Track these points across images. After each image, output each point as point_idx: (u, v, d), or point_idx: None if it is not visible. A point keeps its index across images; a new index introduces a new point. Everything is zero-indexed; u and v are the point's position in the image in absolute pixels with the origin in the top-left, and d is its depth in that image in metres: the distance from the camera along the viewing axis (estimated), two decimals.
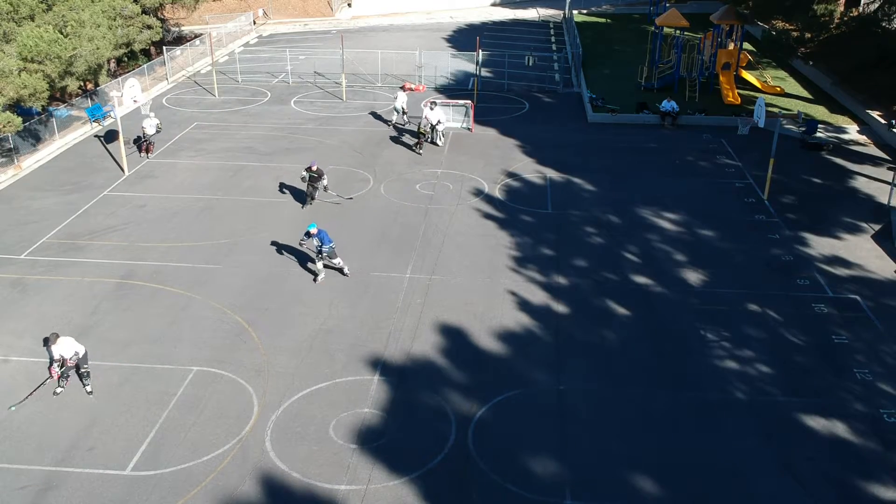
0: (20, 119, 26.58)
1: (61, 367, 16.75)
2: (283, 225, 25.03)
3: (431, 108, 31.72)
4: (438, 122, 31.64)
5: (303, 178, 25.54)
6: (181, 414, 16.46)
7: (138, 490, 14.48)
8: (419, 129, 31.40)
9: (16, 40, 27.11)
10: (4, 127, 25.32)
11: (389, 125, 34.41)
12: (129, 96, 29.16)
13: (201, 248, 23.53)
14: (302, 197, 26.53)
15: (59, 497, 14.29)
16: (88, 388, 17.05)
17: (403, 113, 33.89)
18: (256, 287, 21.38)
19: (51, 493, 14.40)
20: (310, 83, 41.58)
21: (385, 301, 20.75)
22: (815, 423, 16.29)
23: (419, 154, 31.00)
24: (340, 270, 21.51)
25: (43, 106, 29.74)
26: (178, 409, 16.62)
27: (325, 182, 25.31)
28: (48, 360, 17.21)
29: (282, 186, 27.81)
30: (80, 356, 16.84)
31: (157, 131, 30.70)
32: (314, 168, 25.34)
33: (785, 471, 14.98)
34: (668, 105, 34.49)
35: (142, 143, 30.51)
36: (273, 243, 23.81)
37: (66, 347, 16.69)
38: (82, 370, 16.98)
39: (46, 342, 17.10)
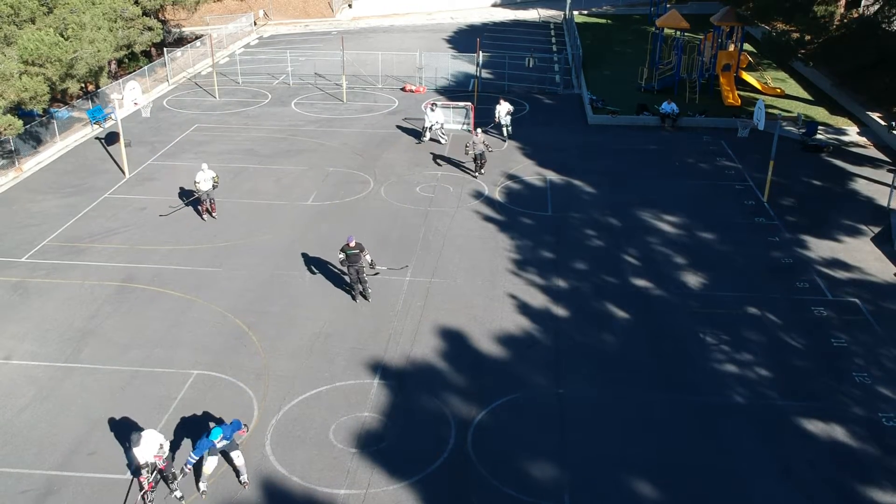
0: (21, 122, 26.66)
1: (153, 473, 13.93)
2: (284, 228, 25.07)
3: (433, 109, 31.86)
4: (437, 121, 31.84)
5: (341, 261, 20.19)
6: (181, 418, 16.49)
7: (139, 494, 14.49)
8: (469, 153, 28.62)
9: (17, 43, 27.19)
10: (6, 130, 25.38)
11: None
12: (130, 99, 29.21)
13: (202, 250, 23.57)
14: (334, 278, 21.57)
15: (60, 501, 14.34)
16: (178, 494, 14.29)
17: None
18: (257, 290, 21.41)
19: (52, 497, 14.44)
20: (310, 84, 41.63)
21: (385, 304, 20.78)
22: (814, 426, 16.32)
23: (479, 174, 28.96)
24: (237, 474, 14.78)
25: (44, 108, 29.79)
26: (178, 412, 16.67)
27: (368, 257, 20.15)
28: (133, 467, 14.64)
29: (307, 261, 22.81)
30: (166, 450, 13.97)
31: (215, 186, 25.22)
32: (352, 244, 19.76)
33: (784, 474, 15.01)
34: (667, 107, 34.52)
35: (190, 202, 25.81)
36: (273, 246, 23.83)
37: (151, 445, 13.76)
38: (167, 474, 14.20)
39: (129, 445, 14.06)
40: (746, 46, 43.84)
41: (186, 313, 20.36)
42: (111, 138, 32.52)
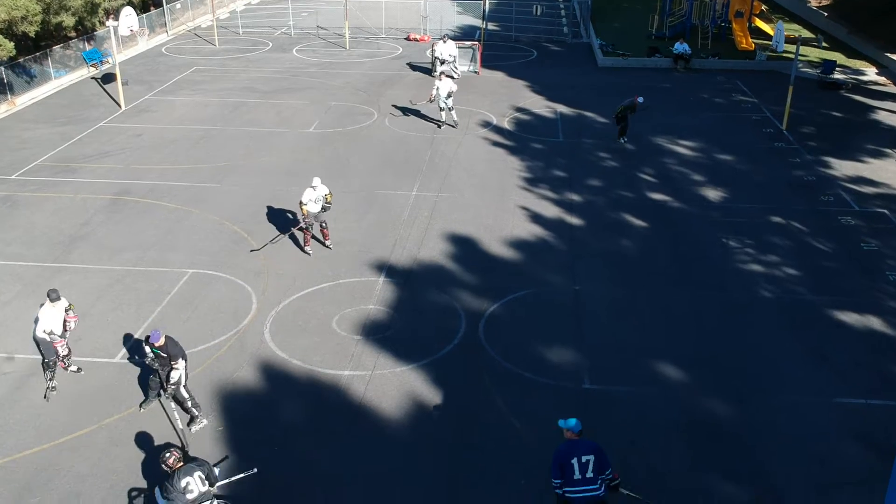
0: (12, 44, 25.67)
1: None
2: (285, 151, 24.13)
3: (444, 42, 31.12)
4: (450, 54, 31.00)
5: (149, 360, 12.30)
6: (175, 310, 15.56)
7: (127, 376, 13.60)
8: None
9: None
10: None
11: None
12: (126, 25, 28.20)
13: (199, 169, 22.63)
14: None
15: (42, 382, 13.32)
16: (73, 368, 13.52)
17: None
18: (256, 203, 20.46)
19: (34, 378, 13.46)
20: (312, 34, 40.69)
21: (390, 215, 19.83)
22: (848, 317, 15.33)
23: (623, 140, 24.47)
24: None
25: (36, 34, 28.60)
26: (171, 306, 15.72)
27: (175, 375, 11.99)
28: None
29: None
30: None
31: (326, 207, 17.50)
32: (158, 342, 11.94)
33: (818, 359, 14.02)
34: (680, 47, 33.50)
35: (300, 227, 17.86)
36: (274, 166, 22.88)
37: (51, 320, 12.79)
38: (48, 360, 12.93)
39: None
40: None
41: (182, 222, 19.42)
42: (107, 78, 31.59)
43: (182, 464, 9.67)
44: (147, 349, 12.19)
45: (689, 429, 12.32)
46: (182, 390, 12.16)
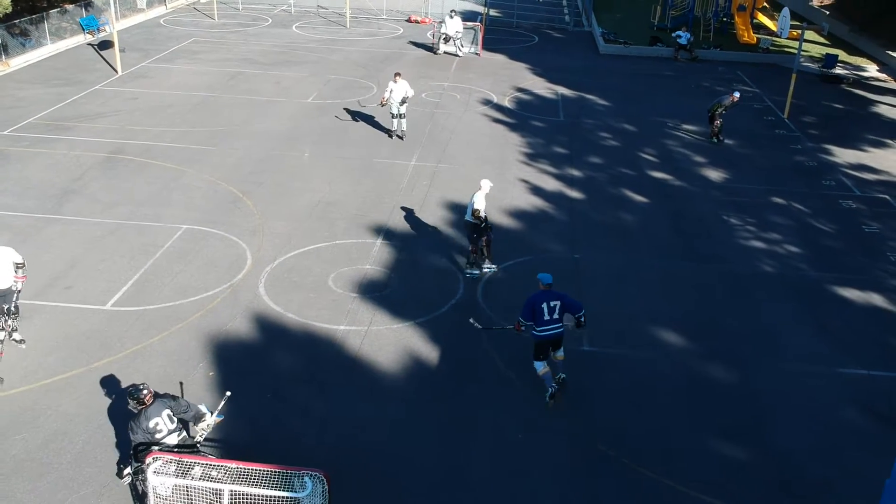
0: (9, 1, 25.22)
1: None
2: (283, 119, 23.83)
3: (451, 17, 30.99)
4: (456, 31, 30.89)
5: None
6: (168, 262, 15.25)
7: (118, 322, 13.27)
8: None
9: None
10: None
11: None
12: None
13: (196, 132, 22.30)
14: None
15: (31, 325, 13.01)
16: (17, 337, 12.47)
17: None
18: (252, 165, 20.18)
19: (23, 321, 13.09)
20: (312, 13, 40.35)
21: (389, 182, 19.57)
22: (851, 294, 15.18)
23: None
24: None
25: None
26: (165, 258, 15.41)
27: None
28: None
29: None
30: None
31: (485, 221, 15.15)
32: None
33: (820, 330, 13.85)
34: (682, 34, 33.28)
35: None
36: (271, 132, 22.58)
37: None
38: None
39: None
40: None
41: (177, 180, 19.10)
42: (104, 45, 31.22)
43: (154, 401, 9.32)
44: None
45: (689, 391, 12.12)
46: None
